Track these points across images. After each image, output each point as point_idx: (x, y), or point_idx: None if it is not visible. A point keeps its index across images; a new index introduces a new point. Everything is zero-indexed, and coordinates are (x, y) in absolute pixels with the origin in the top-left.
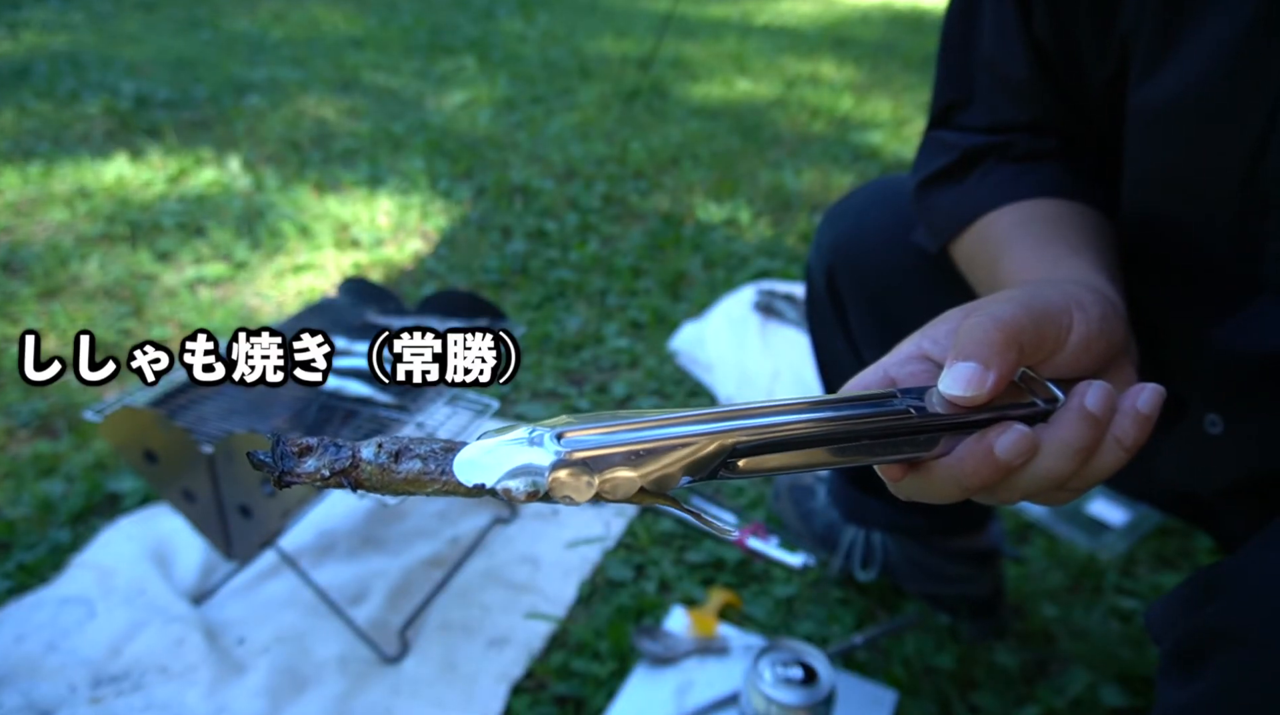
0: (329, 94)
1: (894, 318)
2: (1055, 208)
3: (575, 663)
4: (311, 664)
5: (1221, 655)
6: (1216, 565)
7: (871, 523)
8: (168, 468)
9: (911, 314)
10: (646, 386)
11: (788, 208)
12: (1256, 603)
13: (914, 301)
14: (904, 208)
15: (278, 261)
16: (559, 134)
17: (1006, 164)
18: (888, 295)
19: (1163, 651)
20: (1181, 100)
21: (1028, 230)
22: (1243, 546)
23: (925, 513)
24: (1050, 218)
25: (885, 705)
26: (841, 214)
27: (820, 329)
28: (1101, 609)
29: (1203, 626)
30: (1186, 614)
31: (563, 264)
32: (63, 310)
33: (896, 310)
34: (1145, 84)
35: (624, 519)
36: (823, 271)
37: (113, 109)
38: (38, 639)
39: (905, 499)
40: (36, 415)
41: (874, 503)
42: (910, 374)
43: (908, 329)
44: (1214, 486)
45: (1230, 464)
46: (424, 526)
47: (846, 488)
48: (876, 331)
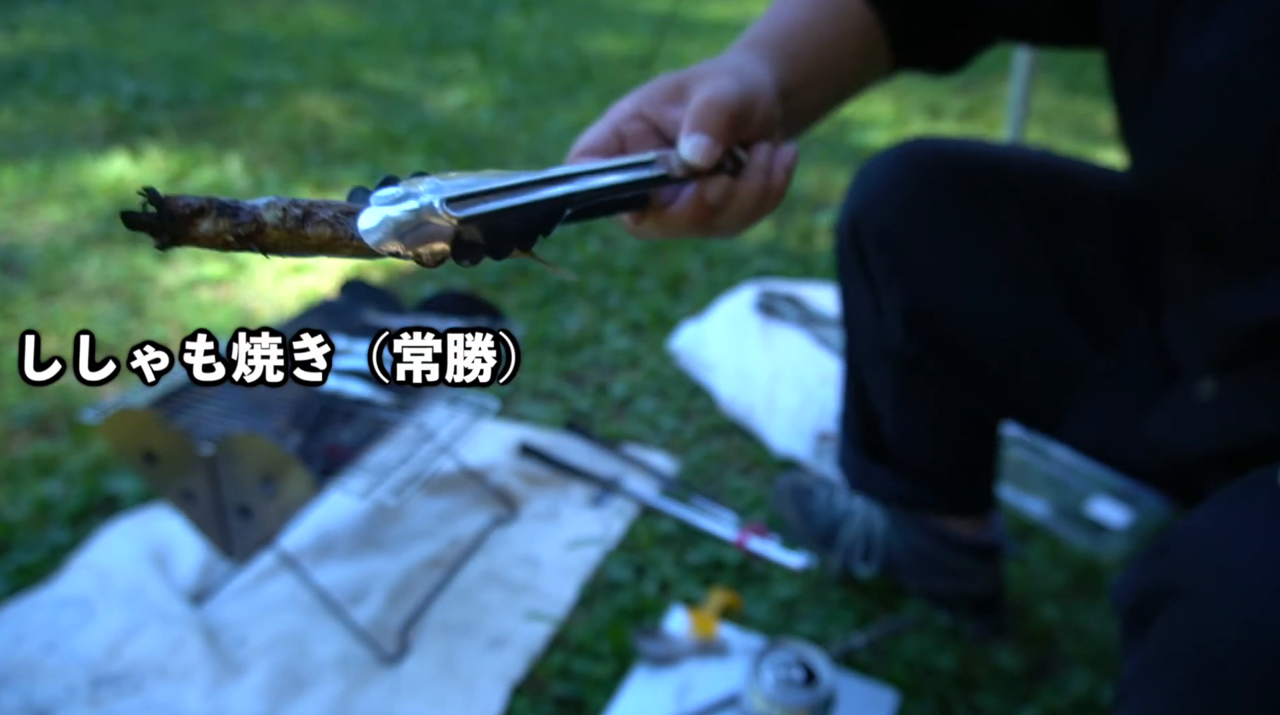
0: (329, 94)
1: (905, 260)
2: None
3: (575, 663)
4: (311, 665)
5: (1164, 612)
6: (1169, 528)
7: (877, 492)
8: (167, 468)
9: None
10: (646, 386)
11: (788, 208)
12: (1197, 556)
13: (923, 245)
14: (926, 165)
15: (277, 262)
16: (559, 134)
17: None
18: (900, 240)
19: (1120, 621)
20: (1221, 68)
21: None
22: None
23: (932, 484)
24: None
25: (886, 706)
26: (868, 170)
27: (845, 276)
28: (1102, 610)
29: (1148, 586)
30: (1138, 577)
31: (563, 264)
32: (62, 310)
33: (908, 253)
34: (1189, 48)
35: (624, 520)
36: (849, 221)
37: (112, 109)
38: (36, 640)
39: (642, 239)
40: (35, 415)
41: (881, 471)
42: (634, 131)
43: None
44: (1198, 451)
45: (1216, 430)
46: (423, 527)
47: (855, 455)
48: (891, 273)
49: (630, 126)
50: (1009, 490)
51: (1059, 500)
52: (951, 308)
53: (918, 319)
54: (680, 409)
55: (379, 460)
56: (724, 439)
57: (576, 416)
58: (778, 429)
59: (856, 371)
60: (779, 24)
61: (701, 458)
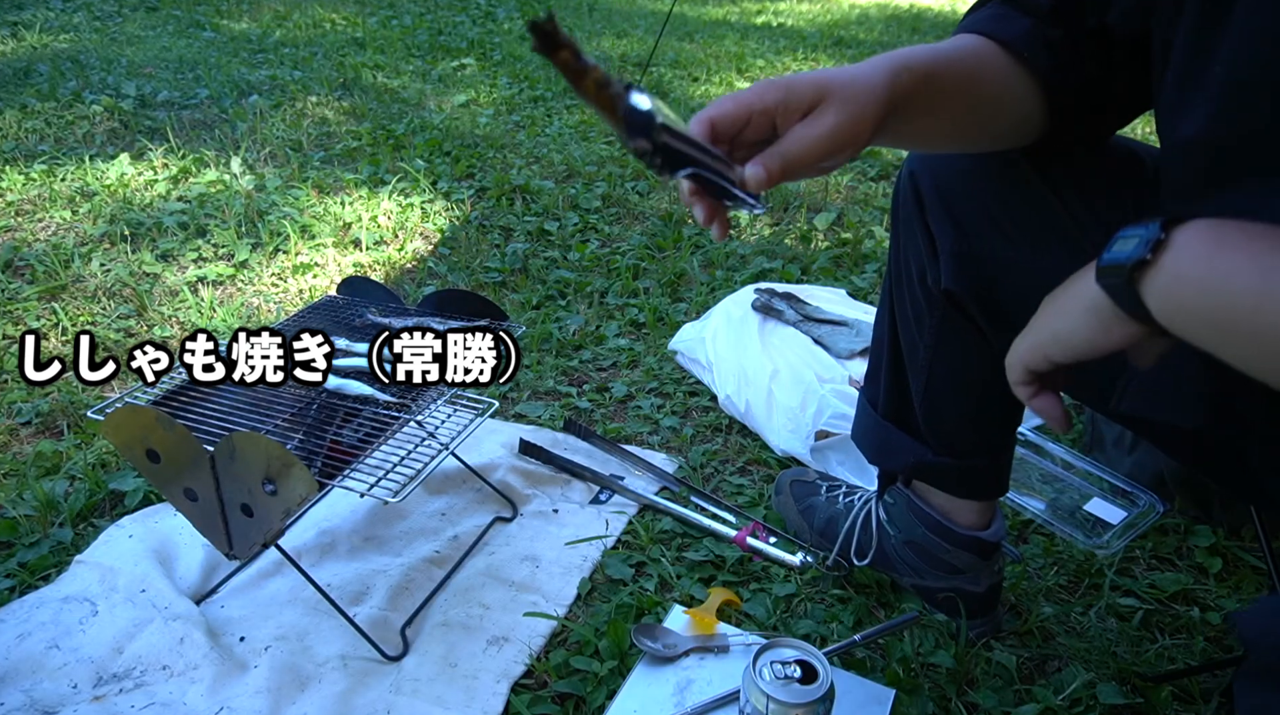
0: (330, 94)
1: (958, 208)
2: (976, 42)
3: (575, 661)
4: (313, 662)
5: None
6: None
7: (898, 462)
8: (170, 466)
9: (971, 206)
10: (646, 386)
11: (787, 208)
12: None
13: (976, 197)
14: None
15: (279, 261)
16: (559, 134)
17: (1000, 4)
18: (955, 191)
19: (1256, 656)
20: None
21: (936, 49)
22: None
23: (952, 454)
24: (958, 48)
25: (884, 703)
26: None
27: (903, 224)
28: (1100, 607)
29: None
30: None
31: (563, 264)
32: (65, 310)
33: (961, 202)
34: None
35: (624, 518)
36: (908, 174)
37: (115, 109)
38: (40, 637)
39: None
40: (39, 414)
41: (903, 438)
42: (758, 125)
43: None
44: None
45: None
46: (424, 525)
47: (876, 424)
48: (945, 219)
49: (760, 120)
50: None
51: (1057, 499)
52: (998, 256)
53: (966, 261)
54: (680, 408)
55: (380, 459)
56: (723, 438)
57: (576, 416)
58: (776, 428)
59: (892, 333)
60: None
61: (701, 456)
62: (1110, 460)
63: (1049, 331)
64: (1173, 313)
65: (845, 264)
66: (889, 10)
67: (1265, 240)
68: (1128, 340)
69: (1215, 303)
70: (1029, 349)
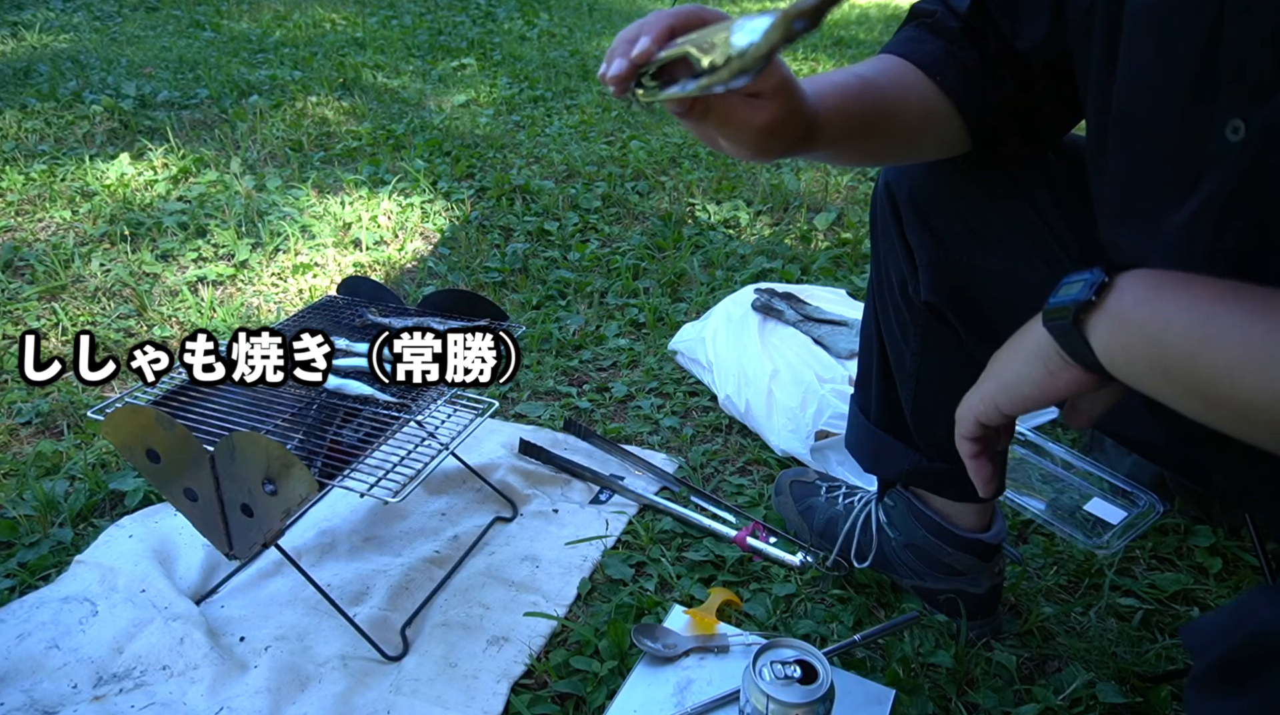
0: (330, 94)
1: (934, 219)
2: (892, 63)
3: (575, 661)
4: (313, 662)
5: (1272, 671)
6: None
7: (891, 469)
8: (170, 466)
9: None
10: (646, 386)
11: (787, 208)
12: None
13: (949, 205)
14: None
15: (279, 261)
16: (559, 134)
17: (915, 28)
18: (929, 200)
19: (1203, 663)
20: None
21: (853, 70)
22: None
23: (947, 460)
24: (876, 69)
25: (883, 703)
26: None
27: (882, 237)
28: (1099, 607)
29: (1253, 642)
30: (1236, 629)
31: (563, 264)
32: (65, 310)
33: (936, 212)
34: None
35: (624, 518)
36: (884, 185)
37: (115, 109)
38: (40, 637)
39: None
40: (39, 414)
41: (896, 446)
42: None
43: (944, 224)
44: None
45: None
46: (425, 525)
47: (870, 433)
48: (923, 230)
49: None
50: (1007, 489)
51: (1057, 499)
52: (976, 264)
53: (945, 272)
54: (680, 408)
55: (380, 459)
56: (723, 438)
57: (576, 416)
58: (776, 428)
59: (879, 341)
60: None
61: (701, 456)
62: (1110, 460)
63: (998, 381)
64: (1115, 355)
65: (845, 264)
66: (889, 10)
67: (1203, 288)
68: (1075, 386)
69: (1156, 349)
70: (980, 400)
